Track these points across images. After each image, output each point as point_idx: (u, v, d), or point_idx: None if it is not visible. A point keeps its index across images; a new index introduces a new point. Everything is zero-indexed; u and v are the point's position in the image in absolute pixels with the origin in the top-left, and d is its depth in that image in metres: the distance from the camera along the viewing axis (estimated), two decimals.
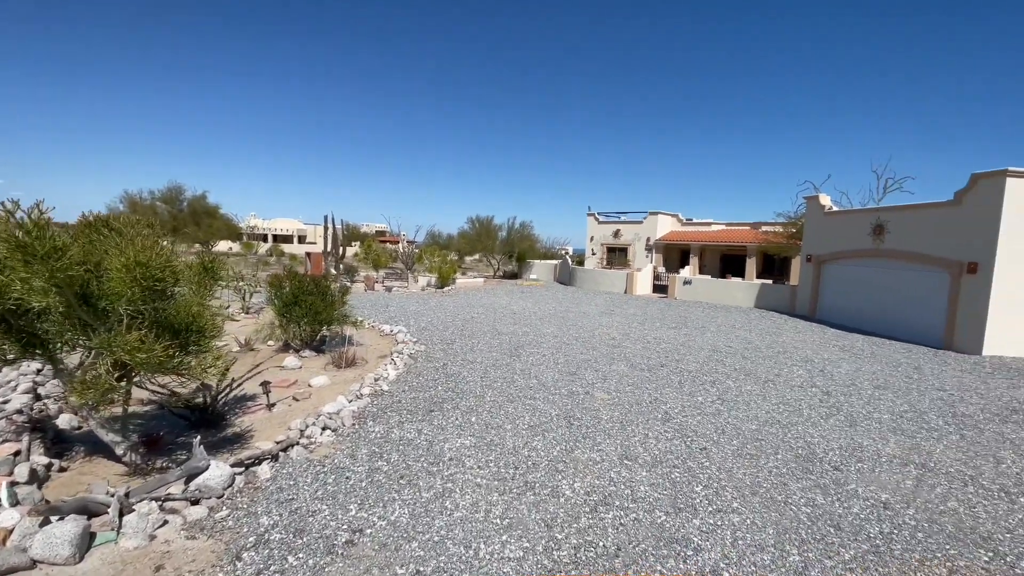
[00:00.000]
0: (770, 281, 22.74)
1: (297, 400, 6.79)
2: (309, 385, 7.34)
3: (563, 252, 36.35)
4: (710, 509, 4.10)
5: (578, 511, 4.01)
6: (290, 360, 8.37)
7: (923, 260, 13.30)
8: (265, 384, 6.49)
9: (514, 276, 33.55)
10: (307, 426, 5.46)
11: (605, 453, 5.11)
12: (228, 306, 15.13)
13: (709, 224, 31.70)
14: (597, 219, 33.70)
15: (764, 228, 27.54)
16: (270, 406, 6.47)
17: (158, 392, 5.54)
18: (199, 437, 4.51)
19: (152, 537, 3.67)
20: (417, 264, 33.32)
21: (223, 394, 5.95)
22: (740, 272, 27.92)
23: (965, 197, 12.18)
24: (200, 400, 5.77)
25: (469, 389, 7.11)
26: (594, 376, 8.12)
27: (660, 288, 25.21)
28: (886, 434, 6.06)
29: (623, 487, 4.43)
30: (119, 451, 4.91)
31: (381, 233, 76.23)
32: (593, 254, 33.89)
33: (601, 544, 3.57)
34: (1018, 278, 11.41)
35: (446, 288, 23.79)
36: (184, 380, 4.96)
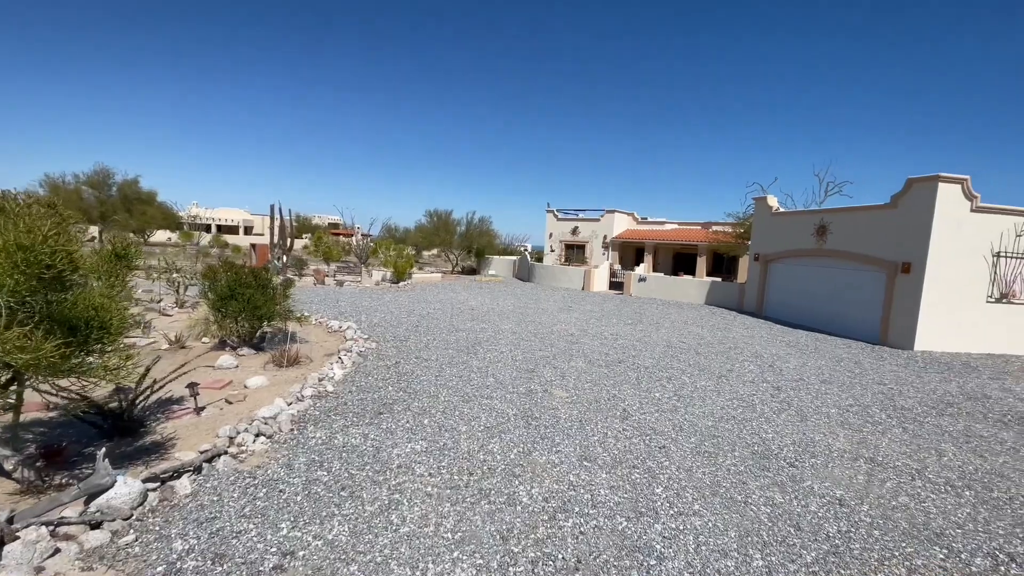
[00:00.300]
0: (719, 279, 23.54)
1: (230, 403, 6.17)
2: (245, 386, 6.71)
3: (522, 248, 36.26)
4: (671, 512, 3.95)
5: (536, 520, 3.75)
6: (225, 359, 7.66)
7: (862, 260, 14.01)
8: (192, 386, 5.83)
9: (473, 272, 33.12)
10: (238, 433, 4.91)
11: (564, 455, 4.88)
12: (160, 299, 13.96)
13: (663, 223, 32.52)
14: (556, 216, 33.80)
15: (714, 228, 28.56)
16: (198, 410, 5.83)
17: (64, 396, 4.83)
18: (104, 449, 3.91)
19: (39, 570, 3.11)
20: (372, 258, 32.23)
21: (142, 397, 5.27)
22: (692, 270, 28.80)
23: (901, 200, 12.89)
24: (115, 405, 5.09)
25: (422, 389, 6.71)
26: (552, 373, 7.92)
27: (616, 285, 25.54)
28: (835, 428, 6.19)
29: (583, 491, 4.21)
30: (7, 466, 4.24)
31: (335, 226, 73.48)
32: (552, 251, 33.99)
33: (560, 556, 3.32)
34: (948, 278, 12.20)
35: (402, 283, 23.07)
36: (87, 384, 4.31)
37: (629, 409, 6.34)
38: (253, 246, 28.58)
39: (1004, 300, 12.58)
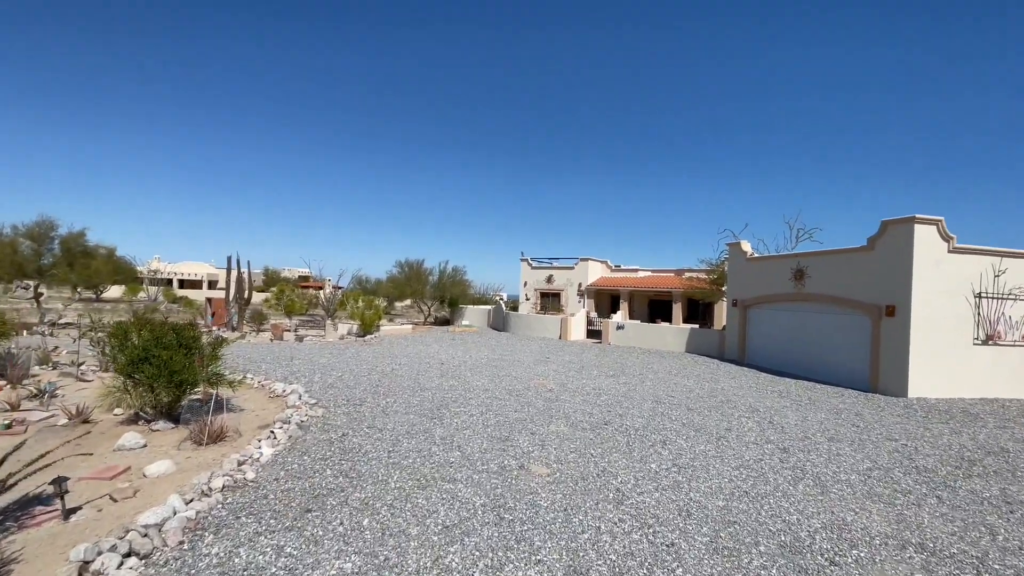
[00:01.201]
0: (697, 325, 23.04)
1: (115, 500, 4.78)
2: (143, 475, 5.33)
3: (497, 297, 35.38)
4: None
5: None
6: (129, 437, 6.23)
7: (843, 304, 13.63)
8: (59, 481, 4.46)
9: (446, 322, 31.89)
10: (100, 551, 3.58)
11: (547, 566, 3.71)
12: (82, 363, 12.24)
13: (636, 271, 32.44)
14: (530, 264, 33.36)
15: (687, 274, 28.51)
16: (67, 513, 4.44)
17: None
18: None
19: None
20: (340, 310, 30.72)
21: None
22: (667, 316, 28.40)
23: (877, 242, 12.70)
24: None
25: (369, 472, 5.44)
26: (530, 442, 6.77)
27: (594, 333, 24.75)
28: (864, 502, 5.22)
29: None
30: None
31: (305, 279, 71.60)
32: (527, 299, 33.24)
33: None
34: (934, 320, 11.81)
35: (369, 336, 21.67)
36: None
37: (624, 488, 5.22)
38: (209, 300, 26.83)
39: (990, 342, 12.24)
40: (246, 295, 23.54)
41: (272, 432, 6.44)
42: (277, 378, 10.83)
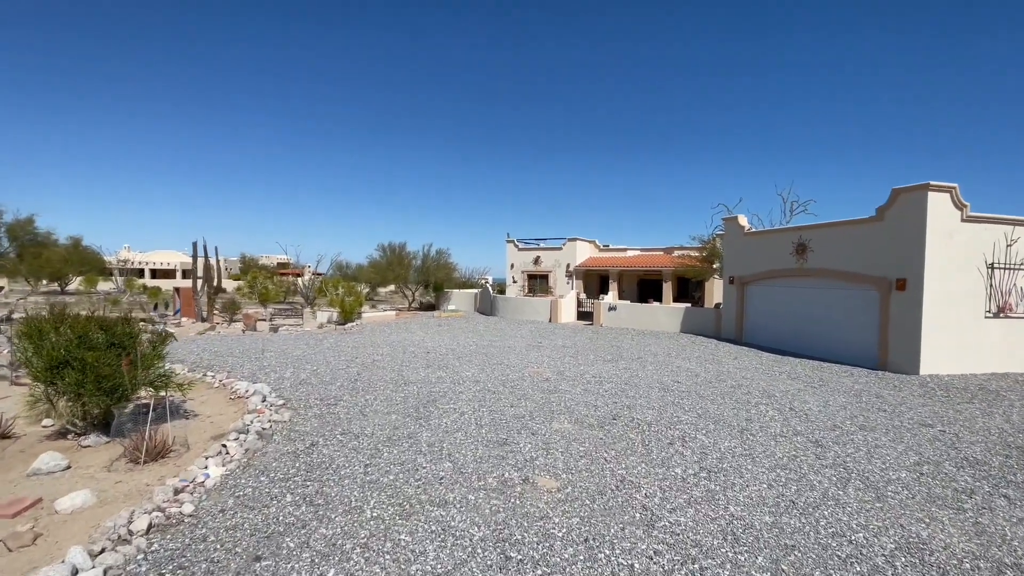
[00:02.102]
0: (689, 305, 22.40)
1: (10, 550, 3.72)
2: (55, 510, 4.26)
3: (483, 281, 34.32)
4: None
5: None
6: (46, 459, 5.12)
7: (849, 278, 12.96)
8: None
9: (431, 307, 30.76)
10: None
11: None
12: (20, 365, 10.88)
13: (625, 250, 31.69)
14: (517, 246, 32.31)
15: (677, 253, 27.83)
16: None
17: None
18: None
19: None
20: (319, 297, 29.35)
21: None
22: (658, 296, 27.80)
23: (887, 213, 11.97)
24: None
25: (340, 496, 4.44)
26: (532, 445, 5.85)
27: (585, 315, 23.95)
28: (929, 509, 4.44)
29: None
30: None
31: (284, 265, 69.33)
32: (514, 282, 32.29)
33: None
34: (946, 293, 11.20)
35: (349, 324, 20.48)
36: None
37: (650, 505, 4.34)
38: (177, 290, 25.21)
39: (1001, 315, 11.71)
40: (216, 283, 22.05)
41: (224, 446, 5.38)
42: (243, 375, 9.69)
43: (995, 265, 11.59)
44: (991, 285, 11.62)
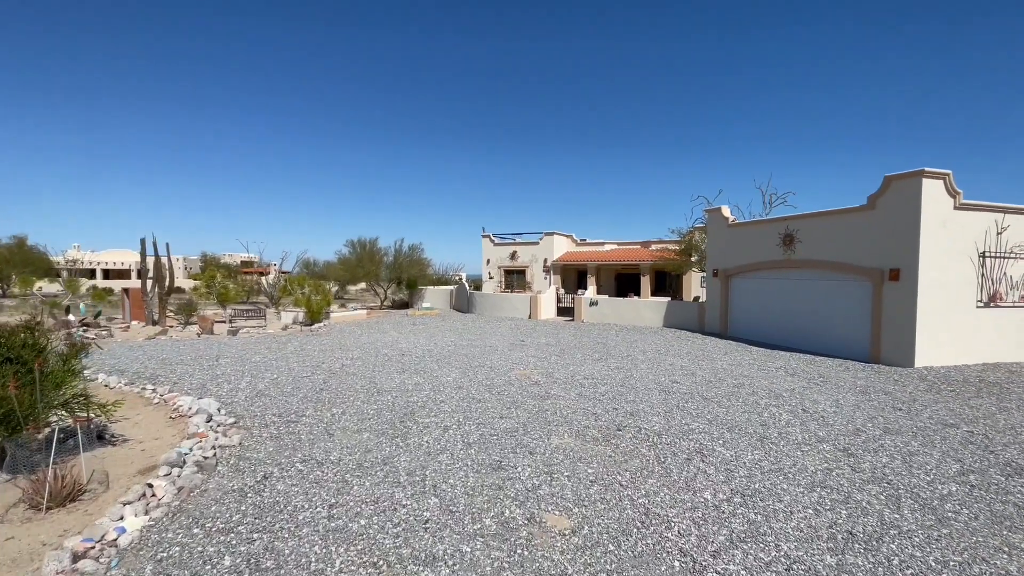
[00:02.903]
0: (668, 298, 22.00)
1: None
2: None
3: (458, 277, 33.26)
4: None
5: None
6: None
7: (840, 269, 12.61)
8: None
9: (404, 305, 29.52)
10: None
11: None
12: None
13: (603, 244, 31.19)
14: (493, 241, 31.36)
15: (655, 246, 27.48)
16: None
17: None
18: None
19: None
20: (284, 297, 27.69)
21: None
22: (636, 290, 27.42)
23: (879, 201, 11.61)
24: None
25: (295, 555, 3.45)
26: (532, 468, 4.97)
27: (565, 311, 23.29)
28: (1004, 534, 3.79)
29: None
30: None
31: (248, 264, 66.19)
32: (491, 278, 31.36)
33: None
34: (940, 284, 10.91)
35: (316, 325, 19.14)
36: None
37: (687, 548, 3.52)
38: (126, 291, 23.18)
39: (992, 304, 11.54)
40: (168, 283, 20.27)
41: (150, 485, 4.29)
42: (191, 386, 8.46)
43: (987, 254, 11.40)
44: (983, 274, 11.42)
